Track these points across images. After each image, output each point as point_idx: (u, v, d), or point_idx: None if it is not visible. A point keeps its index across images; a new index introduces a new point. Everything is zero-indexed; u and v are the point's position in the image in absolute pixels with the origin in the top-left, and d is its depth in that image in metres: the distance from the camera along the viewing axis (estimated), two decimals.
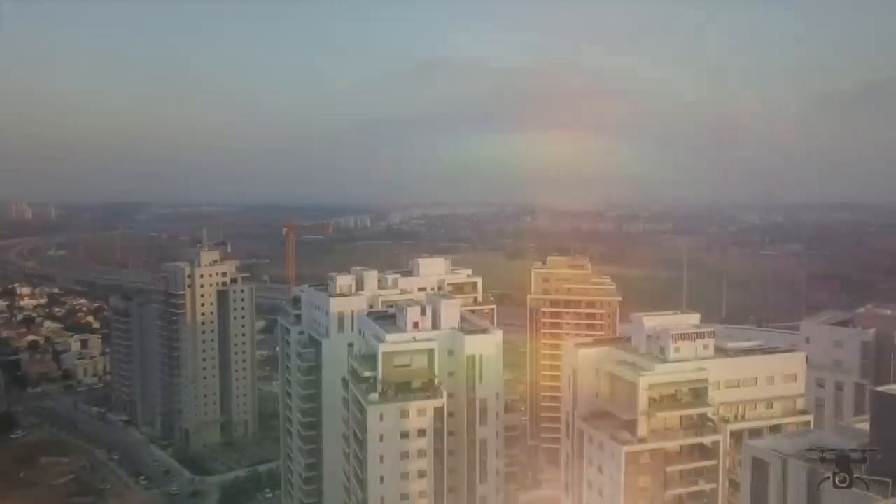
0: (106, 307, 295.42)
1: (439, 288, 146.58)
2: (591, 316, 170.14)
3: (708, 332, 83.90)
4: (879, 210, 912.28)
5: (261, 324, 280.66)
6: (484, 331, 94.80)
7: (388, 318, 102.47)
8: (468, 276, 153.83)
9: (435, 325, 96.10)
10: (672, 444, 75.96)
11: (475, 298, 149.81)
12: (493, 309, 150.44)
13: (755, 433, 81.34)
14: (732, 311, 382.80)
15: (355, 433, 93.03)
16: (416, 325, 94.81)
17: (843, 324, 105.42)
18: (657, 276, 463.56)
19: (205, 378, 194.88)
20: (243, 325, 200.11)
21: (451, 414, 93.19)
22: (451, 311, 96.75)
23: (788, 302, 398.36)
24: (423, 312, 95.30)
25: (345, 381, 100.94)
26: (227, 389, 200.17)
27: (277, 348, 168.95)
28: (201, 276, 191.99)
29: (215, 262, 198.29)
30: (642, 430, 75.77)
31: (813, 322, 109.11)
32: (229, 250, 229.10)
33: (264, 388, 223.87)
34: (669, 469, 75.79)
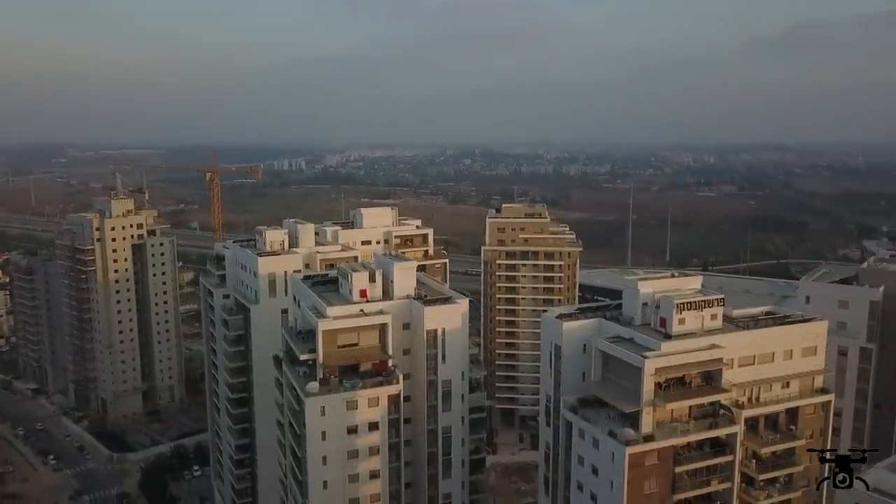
0: None
1: (385, 241, 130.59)
2: (550, 268, 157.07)
3: (716, 299, 69.85)
4: (805, 151, 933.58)
5: (189, 275, 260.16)
6: (446, 299, 78.60)
7: (328, 283, 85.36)
8: (417, 227, 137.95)
9: (386, 293, 79.57)
10: (683, 441, 62.26)
11: (426, 252, 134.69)
12: (445, 263, 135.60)
13: (771, 419, 69.16)
14: (676, 255, 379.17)
15: (292, 425, 76.75)
16: (363, 293, 78.03)
17: (846, 281, 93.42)
18: (599, 219, 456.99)
19: (122, 342, 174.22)
20: (164, 283, 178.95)
21: (407, 398, 77.81)
22: (405, 276, 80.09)
23: (730, 244, 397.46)
24: (371, 278, 78.42)
25: (277, 360, 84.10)
26: (148, 354, 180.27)
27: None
28: (112, 228, 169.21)
29: (129, 212, 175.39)
30: (647, 424, 61.83)
31: (812, 278, 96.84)
32: (147, 198, 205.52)
33: (193, 346, 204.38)
34: (678, 469, 62.34)
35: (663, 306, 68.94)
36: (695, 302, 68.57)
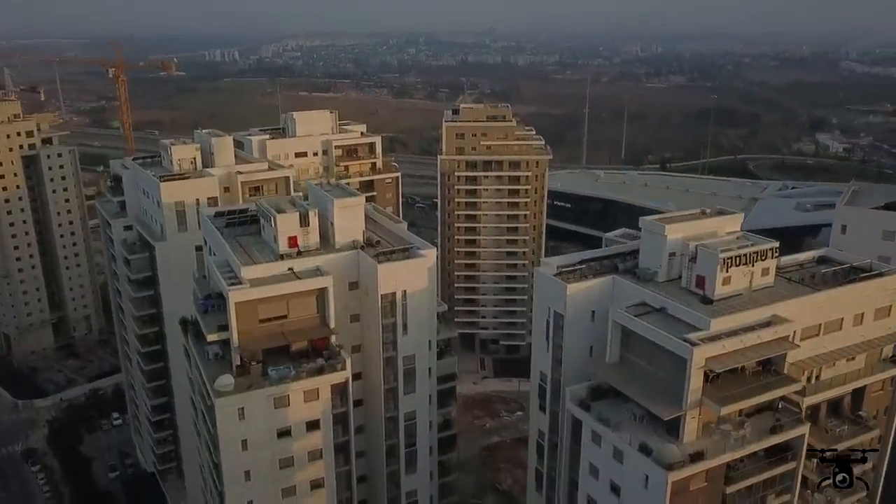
0: None
1: (324, 153, 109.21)
2: (516, 179, 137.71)
3: (770, 248, 52.16)
4: (749, 40, 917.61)
5: (109, 182, 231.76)
6: (405, 251, 58.74)
7: (248, 224, 64.50)
8: (362, 133, 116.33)
9: (325, 240, 59.47)
10: (740, 454, 45.70)
11: (374, 164, 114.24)
12: (397, 178, 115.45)
13: (834, 405, 53.36)
14: (631, 151, 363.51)
15: (205, 419, 57.78)
16: (293, 241, 57.73)
17: (890, 207, 77.04)
18: (550, 112, 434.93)
19: (21, 270, 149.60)
20: (67, 199, 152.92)
21: (358, 376, 59.54)
22: (350, 217, 59.70)
23: (684, 139, 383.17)
24: (303, 221, 57.89)
25: (183, 325, 63.90)
26: (55, 281, 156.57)
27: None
28: None
29: (16, 117, 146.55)
30: (691, 431, 45.02)
31: (844, 201, 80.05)
32: (42, 98, 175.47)
33: None
34: (730, 489, 46.15)
35: (703, 261, 51.01)
36: (744, 255, 50.81)
